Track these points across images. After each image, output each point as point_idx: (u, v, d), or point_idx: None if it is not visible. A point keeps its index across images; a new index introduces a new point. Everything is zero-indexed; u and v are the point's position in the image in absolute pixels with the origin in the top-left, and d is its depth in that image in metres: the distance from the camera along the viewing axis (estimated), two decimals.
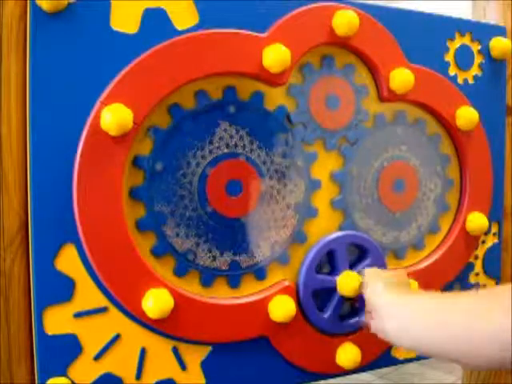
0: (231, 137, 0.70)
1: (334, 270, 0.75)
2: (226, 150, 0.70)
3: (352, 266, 0.76)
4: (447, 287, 0.85)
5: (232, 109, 0.70)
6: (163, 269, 0.68)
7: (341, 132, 0.77)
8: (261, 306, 0.71)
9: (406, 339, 0.60)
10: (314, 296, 0.74)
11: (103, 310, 0.64)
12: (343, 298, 0.74)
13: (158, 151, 0.67)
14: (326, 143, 0.76)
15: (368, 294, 0.67)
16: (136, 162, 0.66)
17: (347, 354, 0.75)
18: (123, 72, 0.63)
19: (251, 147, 0.71)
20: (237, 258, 0.71)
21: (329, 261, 0.76)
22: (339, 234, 0.76)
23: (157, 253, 0.67)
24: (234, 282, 0.71)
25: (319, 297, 0.75)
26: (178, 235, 0.68)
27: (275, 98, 0.73)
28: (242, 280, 0.72)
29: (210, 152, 0.69)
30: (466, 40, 0.85)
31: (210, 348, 0.70)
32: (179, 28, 0.66)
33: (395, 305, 0.62)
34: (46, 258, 0.61)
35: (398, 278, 0.70)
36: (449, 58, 0.84)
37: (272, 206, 0.73)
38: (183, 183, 0.68)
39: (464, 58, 0.85)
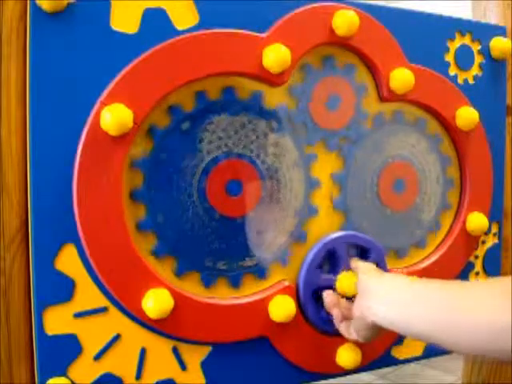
0: (229, 137, 0.70)
1: (333, 270, 0.75)
2: (225, 150, 0.70)
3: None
4: None
5: (231, 109, 0.70)
6: (164, 269, 0.67)
7: (341, 132, 0.77)
8: (261, 305, 0.71)
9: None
10: (314, 296, 0.74)
11: (103, 309, 0.64)
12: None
13: (157, 152, 0.66)
14: (326, 144, 0.76)
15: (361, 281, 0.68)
16: (135, 163, 0.66)
17: (347, 353, 0.75)
18: (123, 72, 0.63)
19: (250, 147, 0.72)
20: (237, 258, 0.71)
21: (329, 260, 0.76)
22: (339, 233, 0.76)
23: (157, 253, 0.67)
24: (234, 282, 0.71)
25: (319, 297, 0.75)
26: (178, 235, 0.68)
27: (275, 97, 0.73)
28: (242, 280, 0.72)
29: (209, 152, 0.69)
30: (466, 40, 0.85)
31: (210, 348, 0.70)
32: (179, 28, 0.66)
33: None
34: (46, 258, 0.61)
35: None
36: (449, 58, 0.84)
37: (272, 205, 0.73)
38: (183, 184, 0.68)
39: (464, 58, 0.85)
